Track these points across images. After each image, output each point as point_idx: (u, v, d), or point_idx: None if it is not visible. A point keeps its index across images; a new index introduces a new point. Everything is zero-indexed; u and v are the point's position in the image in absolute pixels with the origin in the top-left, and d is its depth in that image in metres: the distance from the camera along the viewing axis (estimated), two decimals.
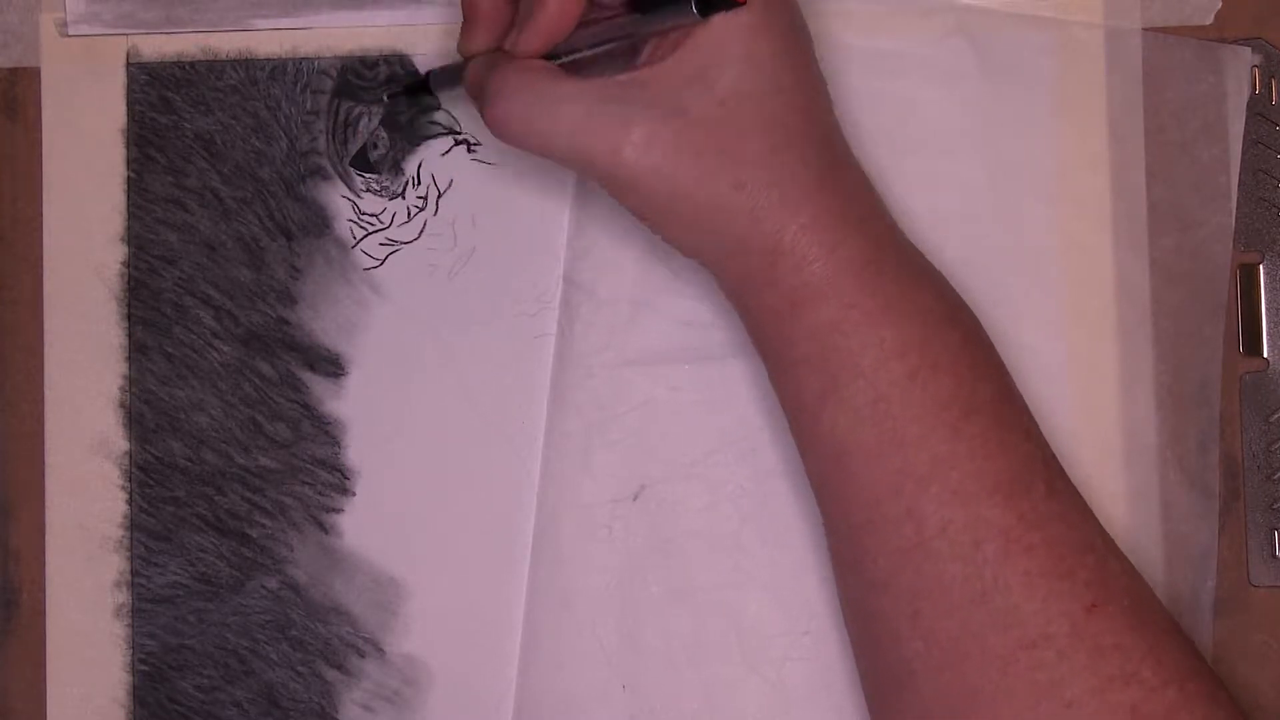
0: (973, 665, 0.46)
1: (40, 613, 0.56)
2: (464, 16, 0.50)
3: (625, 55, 0.49)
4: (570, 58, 0.48)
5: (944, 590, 0.46)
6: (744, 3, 0.45)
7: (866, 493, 0.47)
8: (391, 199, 0.56)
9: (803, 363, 0.47)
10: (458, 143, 0.56)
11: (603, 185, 0.47)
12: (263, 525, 0.56)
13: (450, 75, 0.53)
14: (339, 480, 0.56)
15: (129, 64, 0.57)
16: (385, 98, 0.56)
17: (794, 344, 0.48)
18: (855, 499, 0.47)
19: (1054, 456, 0.49)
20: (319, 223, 0.56)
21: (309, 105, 0.56)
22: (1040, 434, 0.49)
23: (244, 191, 0.56)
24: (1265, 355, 0.55)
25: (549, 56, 0.48)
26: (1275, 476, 0.55)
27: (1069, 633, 0.45)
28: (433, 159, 0.56)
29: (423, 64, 0.56)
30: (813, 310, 0.47)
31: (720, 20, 0.46)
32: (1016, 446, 0.47)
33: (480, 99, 0.48)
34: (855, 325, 0.47)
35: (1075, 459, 0.53)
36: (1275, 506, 0.55)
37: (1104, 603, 0.46)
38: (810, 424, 0.48)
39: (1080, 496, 0.48)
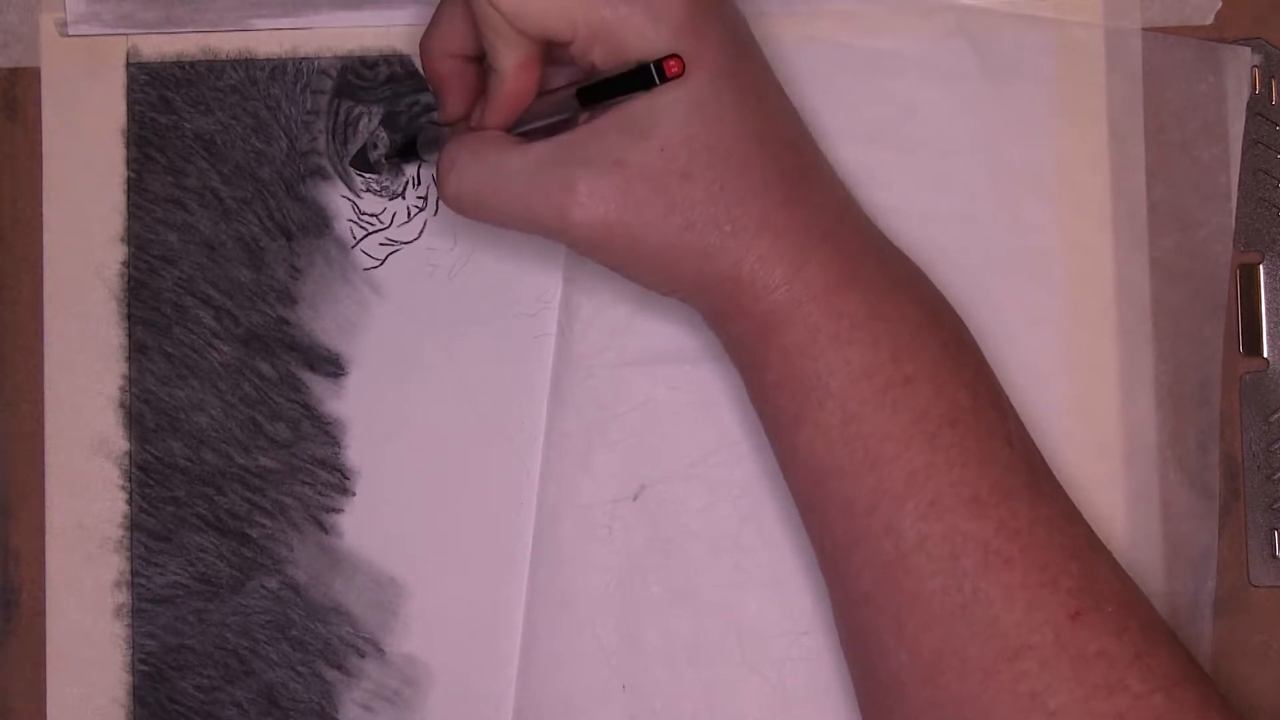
0: (956, 677, 0.46)
1: (40, 613, 0.56)
2: (433, 91, 0.51)
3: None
4: (527, 128, 0.49)
5: (925, 603, 0.46)
6: (673, 73, 0.45)
7: (845, 511, 0.47)
8: (391, 199, 0.56)
9: (774, 387, 0.48)
10: None
11: (563, 244, 0.48)
12: (263, 525, 0.56)
13: (437, 138, 0.54)
14: (339, 480, 0.56)
15: (129, 64, 0.57)
16: (384, 159, 0.56)
17: (765, 369, 0.48)
18: (835, 517, 0.47)
19: (1041, 460, 0.49)
20: (319, 223, 0.56)
21: (309, 105, 0.57)
22: (1026, 437, 0.49)
23: (244, 191, 0.56)
24: (1265, 355, 0.55)
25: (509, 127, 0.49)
26: (1275, 476, 0.55)
27: (1052, 642, 0.45)
28: (433, 159, 0.56)
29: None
30: (779, 336, 0.47)
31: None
32: (997, 454, 0.47)
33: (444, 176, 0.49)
34: (821, 349, 0.47)
35: (1075, 459, 0.53)
36: (1275, 506, 0.55)
37: (1088, 610, 0.46)
38: (788, 445, 0.48)
39: (1068, 500, 0.48)
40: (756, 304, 0.47)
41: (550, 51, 0.48)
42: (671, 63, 0.45)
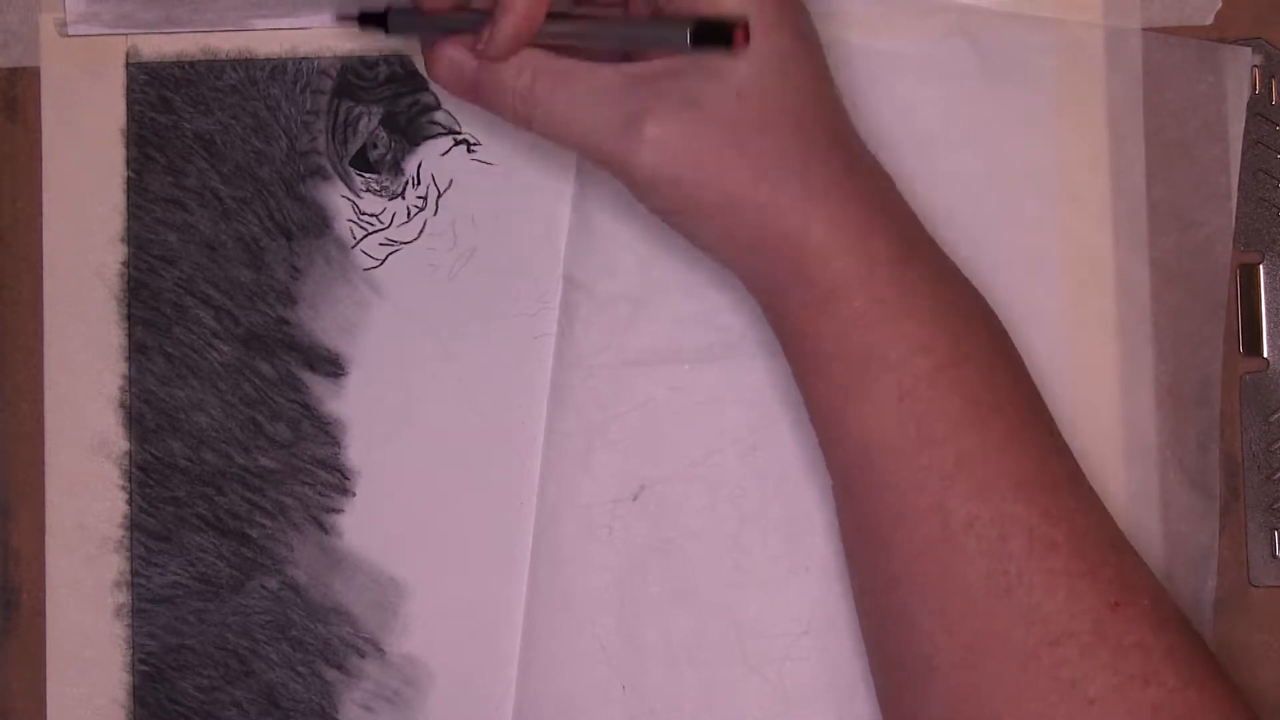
0: (995, 661, 0.45)
1: (40, 613, 0.56)
2: None
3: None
4: (560, 42, 0.48)
5: (968, 586, 0.46)
6: (738, 44, 0.45)
7: (892, 488, 0.47)
8: (391, 199, 0.56)
9: (830, 359, 0.47)
10: (457, 143, 0.56)
11: (622, 182, 0.47)
12: (263, 525, 0.56)
13: (409, 21, 0.51)
14: (339, 480, 0.56)
15: (129, 64, 0.57)
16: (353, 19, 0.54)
17: (821, 340, 0.47)
18: (881, 495, 0.47)
19: (1072, 455, 0.49)
20: (319, 223, 0.56)
21: (309, 105, 0.56)
22: (1059, 432, 0.49)
23: (244, 191, 0.56)
24: (1265, 355, 0.55)
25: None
26: (1275, 476, 0.55)
27: (1092, 630, 0.45)
28: (433, 159, 0.56)
29: (423, 65, 0.56)
30: (841, 304, 0.46)
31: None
32: (1040, 443, 0.47)
33: (511, 91, 0.48)
34: (883, 319, 0.46)
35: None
36: (1275, 506, 0.55)
37: (1127, 602, 0.46)
38: (836, 421, 0.48)
39: (1098, 496, 0.48)
40: (821, 269, 0.46)
41: None
42: (739, 33, 0.44)
